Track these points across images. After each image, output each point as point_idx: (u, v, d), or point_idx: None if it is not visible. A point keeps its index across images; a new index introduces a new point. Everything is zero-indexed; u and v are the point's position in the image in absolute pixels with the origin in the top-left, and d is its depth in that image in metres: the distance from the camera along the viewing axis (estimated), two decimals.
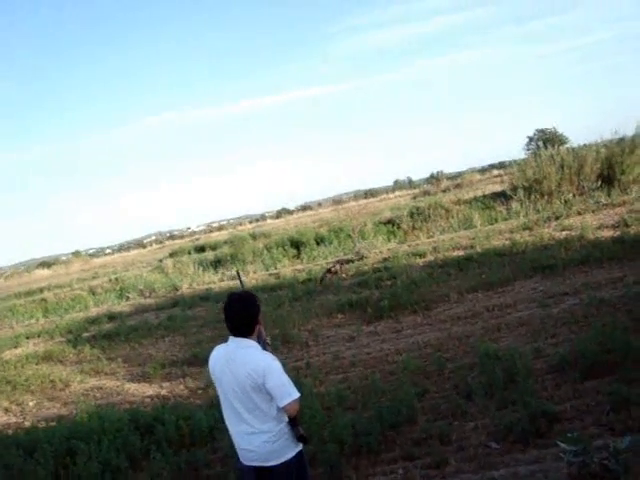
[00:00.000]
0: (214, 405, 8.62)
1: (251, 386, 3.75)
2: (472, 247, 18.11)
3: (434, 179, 69.14)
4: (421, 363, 9.17)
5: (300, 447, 3.95)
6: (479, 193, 31.79)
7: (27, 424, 10.64)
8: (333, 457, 6.16)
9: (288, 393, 3.76)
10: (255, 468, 3.88)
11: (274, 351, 4.24)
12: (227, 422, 4.06)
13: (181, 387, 11.18)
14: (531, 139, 55.19)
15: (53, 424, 10.24)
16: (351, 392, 8.44)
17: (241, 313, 3.91)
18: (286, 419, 3.86)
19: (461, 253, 17.72)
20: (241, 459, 4.00)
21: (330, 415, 7.55)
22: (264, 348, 4.02)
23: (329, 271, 18.85)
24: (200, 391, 10.64)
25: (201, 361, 12.27)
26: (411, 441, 6.52)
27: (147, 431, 8.05)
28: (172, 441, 7.63)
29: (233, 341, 3.95)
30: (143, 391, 11.57)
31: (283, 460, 3.82)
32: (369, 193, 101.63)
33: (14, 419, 11.52)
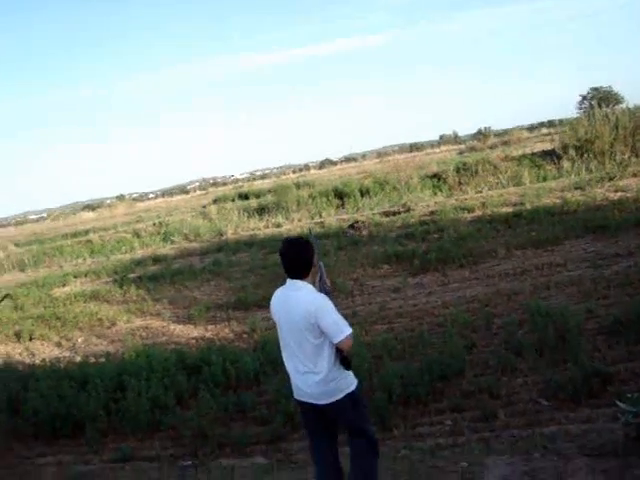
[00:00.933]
0: (260, 349, 8.74)
1: (305, 326, 3.85)
2: (521, 204, 17.83)
3: (481, 135, 67.77)
4: (469, 317, 9.06)
5: (353, 389, 4.02)
6: (528, 151, 31.10)
7: (77, 359, 10.89)
8: (381, 405, 6.15)
9: (341, 330, 3.84)
10: (309, 404, 4.05)
11: (333, 293, 4.27)
12: (285, 361, 4.17)
13: (226, 330, 11.27)
14: (584, 98, 53.60)
15: (102, 360, 10.47)
16: (398, 342, 8.39)
17: (295, 256, 3.98)
18: (337, 361, 3.94)
19: (510, 209, 17.45)
20: (296, 396, 4.15)
21: (378, 364, 7.56)
22: (321, 290, 4.08)
23: (352, 227, 18.82)
24: (245, 335, 10.73)
25: (246, 305, 12.42)
26: (460, 393, 6.47)
27: (194, 371, 8.17)
28: (218, 382, 7.71)
29: (290, 283, 4.04)
30: (188, 333, 11.72)
31: (334, 399, 3.94)
32: (414, 147, 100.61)
33: (65, 353, 11.81)
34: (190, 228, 26.73)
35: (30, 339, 13.32)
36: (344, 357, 3.92)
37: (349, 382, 4.01)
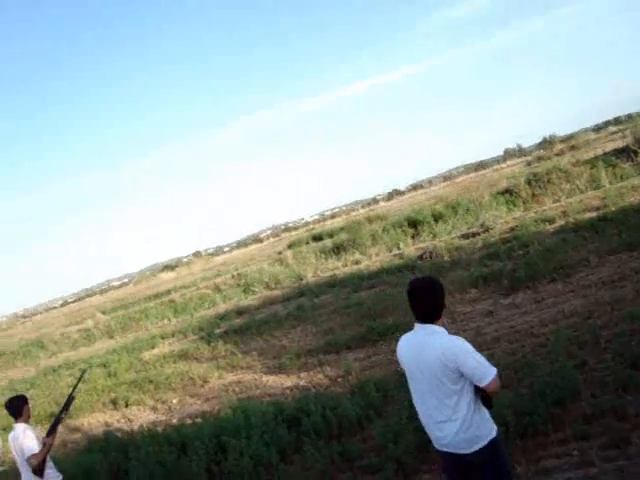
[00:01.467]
0: (358, 392, 8.41)
1: (442, 371, 3.60)
2: (605, 207, 17.06)
3: (547, 143, 66.19)
4: (572, 333, 8.52)
5: (494, 434, 3.72)
6: (598, 152, 30.10)
7: (174, 421, 10.80)
8: None
9: (487, 371, 3.58)
10: (449, 454, 3.76)
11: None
12: (418, 410, 3.93)
13: (320, 376, 10.96)
14: None
15: (198, 420, 10.33)
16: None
17: (427, 299, 3.72)
18: (476, 405, 3.67)
19: (593, 214, 16.70)
20: (434, 444, 3.89)
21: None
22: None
23: (421, 257, 18.43)
24: (340, 379, 10.39)
25: (336, 348, 12.13)
26: (581, 418, 5.96)
27: (293, 423, 7.90)
28: (320, 432, 7.42)
29: (420, 328, 3.77)
30: (281, 382, 11.46)
31: (476, 449, 3.64)
32: (479, 165, 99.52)
33: (161, 417, 11.75)
34: (269, 276, 26.72)
35: (126, 405, 13.38)
36: (486, 396, 3.67)
37: (489, 428, 3.74)
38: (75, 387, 6.36)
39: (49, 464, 5.67)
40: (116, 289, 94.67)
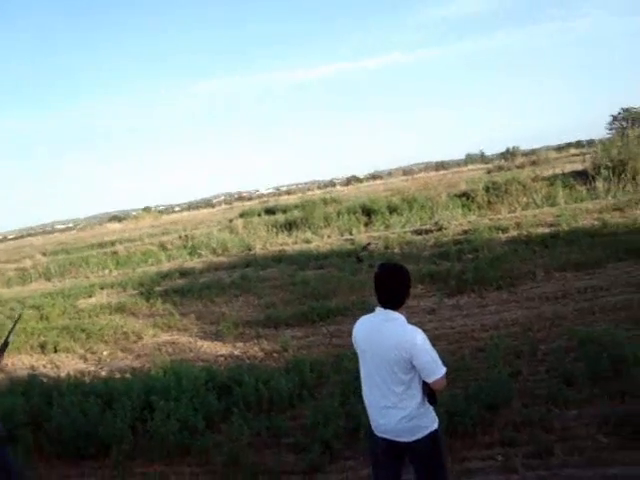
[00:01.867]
0: (293, 370, 8.37)
1: (395, 360, 3.59)
2: (558, 225, 17.34)
3: (509, 154, 67.11)
4: (511, 342, 8.63)
5: (435, 427, 3.78)
6: (557, 171, 30.52)
7: (103, 373, 10.63)
8: None
9: (437, 369, 3.60)
10: (387, 440, 3.77)
11: None
12: (365, 393, 3.92)
13: (255, 349, 10.91)
14: (615, 118, 53.10)
15: (127, 375, 10.18)
16: None
17: (393, 284, 3.73)
18: (422, 397, 3.70)
19: (546, 230, 16.98)
20: (374, 430, 3.86)
21: None
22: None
23: (364, 248, 18.56)
24: (276, 354, 10.35)
25: (276, 323, 12.07)
26: (510, 425, 6.03)
27: (223, 392, 7.83)
28: (250, 404, 7.37)
29: (381, 312, 3.76)
30: (216, 350, 11.37)
31: (415, 438, 3.69)
32: (440, 165, 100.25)
33: (89, 367, 11.52)
34: (218, 242, 26.50)
35: (55, 351, 13.08)
36: (432, 392, 3.69)
37: (432, 419, 3.78)
38: (11, 331, 6.14)
39: None
40: (60, 232, 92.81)
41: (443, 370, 3.61)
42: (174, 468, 6.49)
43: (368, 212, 27.61)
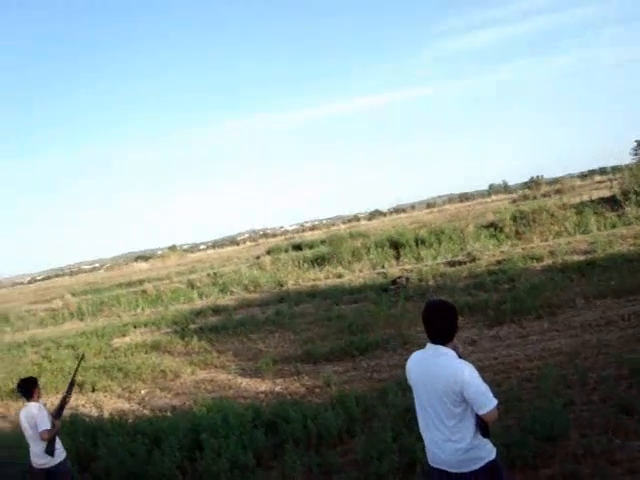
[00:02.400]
0: (337, 404, 8.26)
1: (447, 394, 3.67)
2: (593, 252, 17.17)
3: (534, 183, 66.59)
4: (558, 372, 8.46)
5: (493, 456, 3.80)
6: (584, 198, 30.38)
7: (145, 412, 10.60)
8: None
9: (488, 401, 3.65)
10: (443, 472, 3.81)
11: (460, 352, 3.93)
12: (420, 427, 3.97)
13: (296, 384, 10.82)
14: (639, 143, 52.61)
15: (167, 414, 10.15)
16: None
17: (441, 321, 3.81)
18: (475, 429, 3.73)
19: (581, 258, 16.80)
20: (430, 462, 3.93)
21: None
22: (459, 355, 3.83)
23: (394, 282, 18.46)
24: (317, 389, 10.26)
25: (314, 358, 11.96)
26: (571, 457, 5.88)
27: (270, 429, 7.76)
28: (298, 441, 7.27)
29: (431, 348, 3.82)
30: (256, 386, 11.29)
31: (474, 468, 3.71)
32: (463, 197, 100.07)
33: (127, 405, 11.52)
34: (249, 279, 26.56)
35: (93, 390, 13.12)
36: (484, 425, 3.72)
37: (489, 450, 3.79)
38: (76, 370, 7.04)
39: (58, 442, 6.31)
40: (87, 273, 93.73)
41: (494, 402, 3.66)
42: None
43: (396, 245, 27.58)
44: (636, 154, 48.58)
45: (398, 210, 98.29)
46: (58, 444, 6.34)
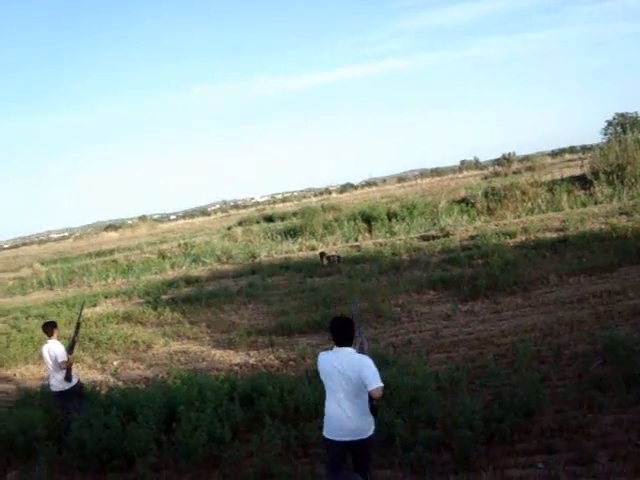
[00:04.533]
0: (313, 378, 8.23)
1: (354, 377, 4.85)
2: (565, 230, 17.33)
3: (505, 160, 66.81)
4: (532, 348, 8.53)
5: (374, 430, 5.05)
6: (556, 176, 30.57)
7: (119, 383, 10.52)
8: (465, 444, 5.66)
9: (376, 381, 4.75)
10: (340, 442, 5.00)
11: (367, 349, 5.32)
12: (328, 404, 5.14)
13: (271, 357, 10.81)
14: (610, 123, 52.94)
15: (141, 385, 10.10)
16: (463, 375, 7.85)
17: (343, 333, 5.12)
18: (368, 407, 4.93)
19: (554, 235, 16.93)
20: (331, 435, 5.07)
21: (445, 397, 7.11)
22: (360, 351, 5.18)
23: (327, 258, 18.85)
24: (292, 362, 10.27)
25: (289, 331, 11.94)
26: (548, 432, 5.94)
27: (246, 402, 7.72)
28: (276, 414, 7.23)
29: (338, 350, 5.08)
30: (230, 358, 11.27)
31: (363, 437, 4.96)
32: (435, 172, 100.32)
33: (100, 377, 11.38)
34: (221, 250, 26.40)
35: None
36: (374, 407, 4.91)
37: (373, 424, 5.03)
38: (80, 314, 9.50)
39: (72, 371, 8.05)
40: (56, 242, 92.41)
41: (381, 384, 4.76)
42: None
43: (368, 219, 27.56)
44: (606, 134, 48.90)
45: (370, 184, 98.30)
46: (72, 372, 8.03)
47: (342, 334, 5.12)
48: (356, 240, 23.60)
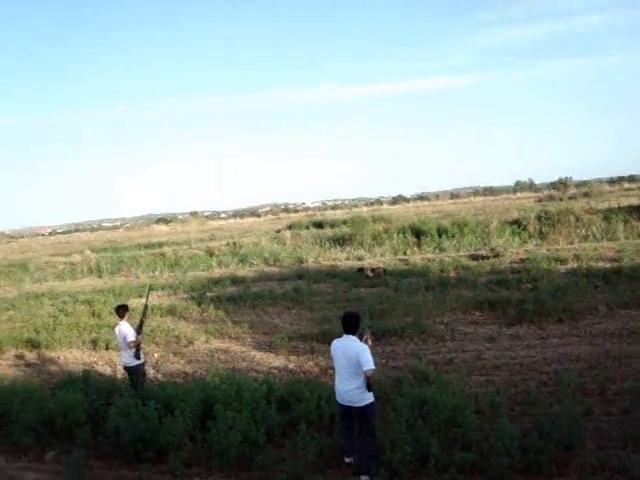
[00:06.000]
0: None
1: (354, 358, 6.21)
2: (620, 260, 16.92)
3: (561, 184, 65.74)
4: (577, 379, 8.34)
5: (372, 399, 6.35)
6: (613, 204, 29.89)
7: (158, 376, 10.67)
8: (501, 470, 5.55)
9: (369, 363, 6.13)
10: (343, 406, 6.44)
11: (373, 339, 7.14)
12: (336, 378, 6.56)
13: (310, 364, 10.81)
14: None
15: (178, 379, 10.22)
16: (502, 398, 7.74)
17: (351, 324, 6.51)
18: (364, 384, 6.22)
19: (607, 265, 16.53)
20: (338, 399, 6.51)
21: (483, 420, 6.99)
22: (361, 340, 6.57)
23: (360, 270, 19.10)
24: (331, 371, 10.22)
25: (330, 338, 11.75)
26: (587, 468, 5.78)
27: (283, 406, 7.73)
28: (311, 421, 7.22)
29: (345, 337, 6.50)
30: (269, 361, 11.27)
31: (362, 404, 6.26)
32: (488, 191, 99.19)
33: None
34: (270, 252, 26.52)
35: (107, 348, 13.14)
36: (369, 384, 6.20)
37: (370, 397, 6.31)
38: (147, 297, 11.12)
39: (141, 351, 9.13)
40: (107, 230, 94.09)
41: (373, 366, 6.16)
42: None
43: (418, 233, 27.34)
44: None
45: (422, 198, 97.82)
46: (140, 351, 9.03)
47: (349, 325, 6.50)
48: (405, 253, 23.45)
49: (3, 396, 8.75)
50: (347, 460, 6.55)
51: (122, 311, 9.29)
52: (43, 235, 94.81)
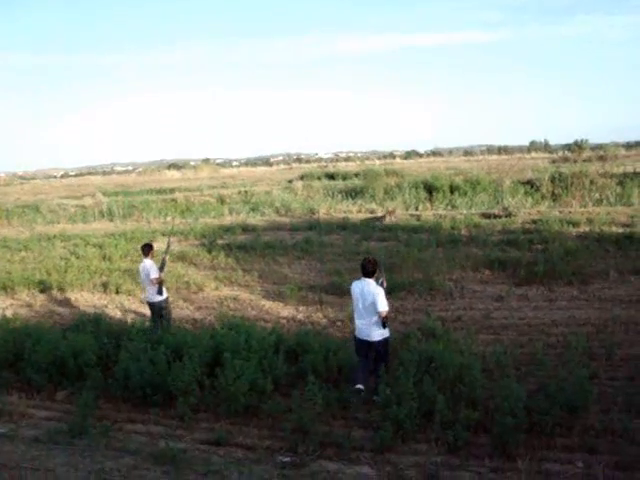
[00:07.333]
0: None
1: (370, 299, 7.06)
2: (633, 226, 16.78)
3: (577, 146, 64.89)
4: (584, 343, 8.34)
5: (388, 335, 7.27)
6: (628, 169, 29.57)
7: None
8: (505, 429, 5.59)
9: (384, 305, 7.06)
10: (361, 340, 7.23)
11: (385, 286, 7.46)
12: (355, 316, 7.36)
13: (319, 315, 10.90)
14: None
15: (187, 325, 10.34)
16: (508, 358, 7.77)
17: (369, 268, 7.23)
18: (379, 321, 7.08)
19: (620, 230, 16.39)
20: (357, 335, 7.29)
21: (490, 379, 7.04)
22: (378, 283, 7.29)
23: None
24: (339, 323, 10.33)
25: (340, 291, 11.86)
26: (591, 431, 5.83)
27: (290, 357, 7.81)
28: (319, 373, 7.28)
29: (363, 279, 7.24)
30: (278, 311, 11.39)
31: (379, 339, 7.12)
32: (502, 149, 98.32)
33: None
34: (281, 202, 26.48)
35: (117, 292, 13.26)
36: (383, 322, 7.07)
37: (385, 332, 7.19)
38: (170, 237, 12.08)
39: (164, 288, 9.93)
40: (119, 174, 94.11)
41: (387, 307, 7.13)
42: (241, 428, 6.48)
43: (430, 189, 27.20)
44: None
45: (435, 153, 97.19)
46: (163, 288, 9.80)
47: (367, 269, 7.21)
48: (416, 209, 23.36)
49: (16, 337, 8.84)
50: (358, 386, 6.98)
51: (147, 249, 9.96)
52: (55, 177, 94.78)
